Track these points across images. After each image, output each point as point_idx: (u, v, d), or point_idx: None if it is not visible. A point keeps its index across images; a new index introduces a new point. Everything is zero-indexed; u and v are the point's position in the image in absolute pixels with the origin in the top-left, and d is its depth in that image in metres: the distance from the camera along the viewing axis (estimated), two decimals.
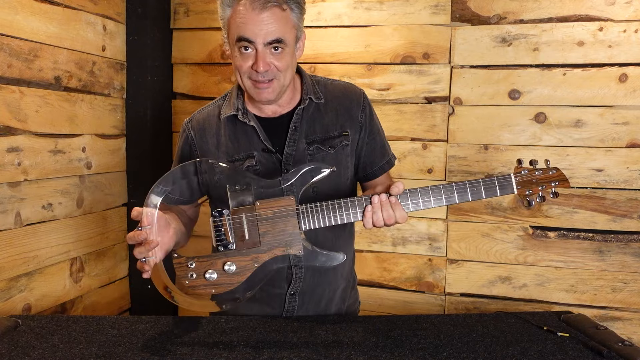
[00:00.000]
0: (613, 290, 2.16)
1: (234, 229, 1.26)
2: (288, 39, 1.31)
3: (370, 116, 1.53)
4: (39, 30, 1.94)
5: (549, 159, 1.35)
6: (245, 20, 1.27)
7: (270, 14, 1.27)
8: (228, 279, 1.25)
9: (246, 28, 1.27)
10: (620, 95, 2.10)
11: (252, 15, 1.26)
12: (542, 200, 1.31)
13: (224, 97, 1.51)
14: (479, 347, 1.22)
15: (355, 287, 1.65)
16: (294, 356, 1.18)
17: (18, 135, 1.87)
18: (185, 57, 2.58)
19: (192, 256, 1.25)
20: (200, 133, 1.48)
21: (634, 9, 2.06)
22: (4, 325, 1.33)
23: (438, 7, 2.25)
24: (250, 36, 1.28)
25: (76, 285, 2.20)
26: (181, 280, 1.25)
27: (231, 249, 1.25)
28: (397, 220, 1.27)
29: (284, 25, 1.29)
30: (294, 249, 1.26)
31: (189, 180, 1.48)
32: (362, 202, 1.28)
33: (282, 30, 1.29)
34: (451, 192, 1.28)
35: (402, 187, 1.27)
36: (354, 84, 1.55)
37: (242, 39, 1.29)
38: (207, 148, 1.46)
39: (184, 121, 1.53)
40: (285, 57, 1.32)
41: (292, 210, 1.26)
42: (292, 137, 1.42)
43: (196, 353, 1.21)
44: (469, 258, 2.29)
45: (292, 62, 1.37)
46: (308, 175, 1.29)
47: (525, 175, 1.30)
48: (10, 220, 1.85)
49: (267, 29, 1.27)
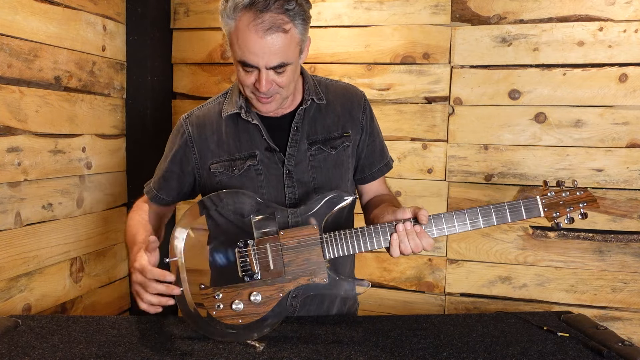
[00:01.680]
0: (613, 290, 2.15)
1: (258, 259, 1.26)
2: (291, 58, 1.28)
3: (371, 118, 1.53)
4: (39, 30, 1.94)
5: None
6: (247, 43, 1.23)
7: (274, 38, 1.22)
8: (254, 309, 1.25)
9: (249, 53, 1.24)
10: (620, 95, 2.10)
11: (255, 39, 1.22)
12: (570, 222, 1.28)
13: (224, 94, 1.49)
14: (479, 347, 1.22)
15: None
16: (294, 356, 1.18)
17: (18, 135, 1.87)
18: (185, 57, 2.58)
19: (218, 287, 1.26)
20: (199, 130, 1.45)
21: (634, 9, 2.06)
22: (4, 325, 1.33)
23: (438, 7, 2.25)
24: (253, 62, 1.25)
25: (76, 285, 2.20)
26: (209, 312, 1.26)
27: (257, 279, 1.25)
28: (425, 248, 1.27)
29: (287, 48, 1.25)
30: (318, 277, 1.26)
31: (186, 185, 1.50)
32: (385, 230, 1.27)
33: (285, 54, 1.25)
34: (476, 217, 1.27)
35: (427, 215, 1.27)
36: (355, 86, 1.55)
37: (245, 64, 1.26)
38: (207, 146, 1.44)
39: (182, 117, 1.49)
40: (288, 74, 1.30)
41: (316, 239, 1.27)
42: (294, 137, 1.42)
43: (196, 353, 1.20)
44: (469, 258, 2.29)
45: (295, 75, 1.35)
46: (331, 203, 1.31)
47: (552, 198, 1.28)
48: (10, 220, 1.85)
49: (269, 55, 1.24)
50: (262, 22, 1.21)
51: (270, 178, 1.40)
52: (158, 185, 1.52)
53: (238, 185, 1.39)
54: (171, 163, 1.48)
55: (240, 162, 1.41)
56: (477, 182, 2.26)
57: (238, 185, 1.39)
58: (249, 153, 1.41)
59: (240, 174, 1.40)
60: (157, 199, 1.53)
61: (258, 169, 1.40)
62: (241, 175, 1.40)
